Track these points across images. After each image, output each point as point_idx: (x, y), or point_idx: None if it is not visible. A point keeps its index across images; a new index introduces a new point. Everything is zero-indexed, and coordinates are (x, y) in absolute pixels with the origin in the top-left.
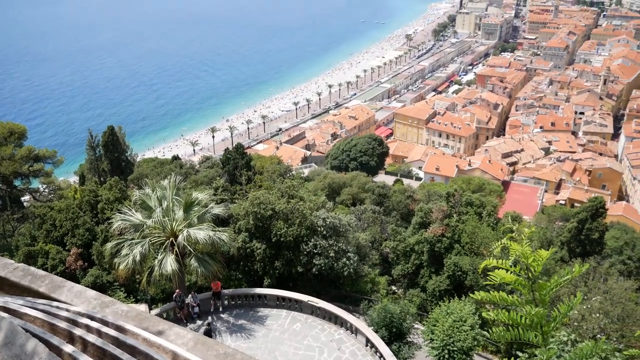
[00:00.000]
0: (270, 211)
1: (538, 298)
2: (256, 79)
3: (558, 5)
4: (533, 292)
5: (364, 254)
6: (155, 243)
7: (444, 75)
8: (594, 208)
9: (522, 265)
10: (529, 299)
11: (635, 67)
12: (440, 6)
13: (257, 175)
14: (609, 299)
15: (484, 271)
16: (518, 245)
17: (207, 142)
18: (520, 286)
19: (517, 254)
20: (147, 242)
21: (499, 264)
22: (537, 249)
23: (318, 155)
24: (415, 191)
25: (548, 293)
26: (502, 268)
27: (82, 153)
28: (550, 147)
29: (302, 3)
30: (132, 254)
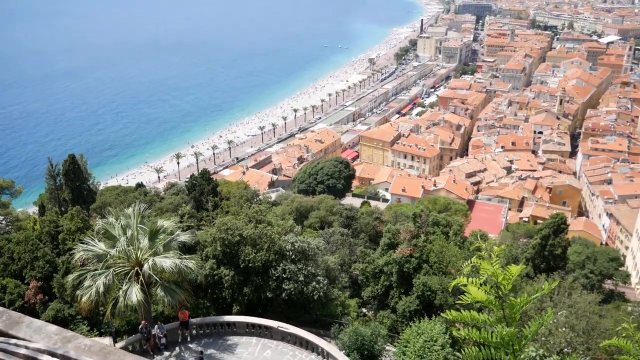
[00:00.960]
0: (238, 237)
1: (508, 316)
2: (221, 104)
3: (514, 29)
4: (503, 309)
5: (334, 277)
6: (120, 273)
7: (407, 98)
8: (556, 224)
9: (492, 283)
10: (499, 317)
11: (588, 87)
12: (401, 31)
13: (223, 201)
14: (574, 313)
15: (455, 290)
16: (488, 263)
17: (172, 169)
18: (491, 305)
19: (488, 273)
20: (111, 273)
21: (470, 282)
22: (505, 266)
23: (285, 179)
24: (382, 213)
25: (518, 311)
26: (472, 287)
27: (43, 183)
28: (512, 166)
29: (266, 29)
30: (96, 285)
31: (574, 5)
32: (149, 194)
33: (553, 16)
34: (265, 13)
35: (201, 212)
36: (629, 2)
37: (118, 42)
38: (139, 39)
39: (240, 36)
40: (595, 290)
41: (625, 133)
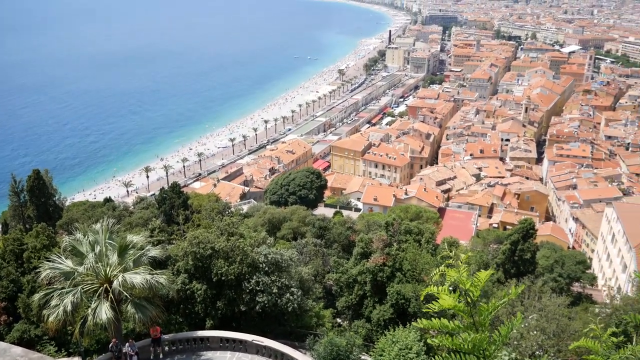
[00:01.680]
0: (210, 250)
1: (478, 322)
2: (191, 116)
3: (480, 39)
4: (473, 316)
5: (308, 288)
6: (88, 291)
7: (377, 108)
8: (525, 229)
9: (461, 290)
10: (469, 324)
11: (552, 95)
12: (370, 42)
13: (194, 214)
14: (544, 316)
15: (426, 299)
16: (455, 271)
17: (141, 183)
18: (460, 311)
19: (455, 280)
20: (79, 291)
21: (438, 290)
22: (475, 272)
23: (257, 190)
24: (355, 222)
25: (487, 316)
26: (443, 294)
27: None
28: (481, 173)
29: (236, 41)
30: (63, 304)
31: (536, 16)
32: (118, 208)
33: (517, 27)
34: (234, 26)
35: (172, 226)
36: (588, 14)
37: (90, 55)
38: (111, 51)
39: (211, 48)
40: (564, 293)
41: (588, 139)
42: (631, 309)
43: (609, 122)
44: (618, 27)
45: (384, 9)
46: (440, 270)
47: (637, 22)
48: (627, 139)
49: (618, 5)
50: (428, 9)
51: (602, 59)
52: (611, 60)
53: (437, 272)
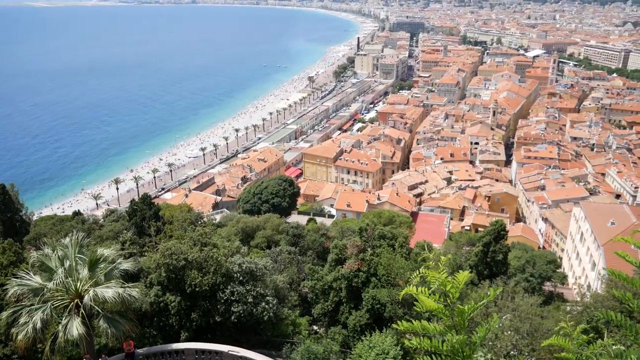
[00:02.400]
0: (183, 261)
1: (457, 323)
2: (161, 126)
3: (447, 45)
4: (452, 317)
5: (283, 296)
6: (59, 307)
7: (348, 114)
8: (496, 231)
9: (441, 292)
10: (449, 325)
11: (518, 99)
12: (339, 49)
13: (166, 225)
14: (517, 316)
15: (403, 302)
16: (436, 272)
17: (110, 195)
18: (441, 313)
19: (436, 282)
20: (49, 307)
21: (419, 292)
22: (451, 274)
23: (229, 200)
24: (328, 229)
25: (466, 318)
26: (423, 296)
27: None
28: (452, 177)
29: (206, 51)
30: (32, 321)
31: (500, 21)
32: (87, 222)
33: (482, 32)
34: (203, 37)
35: (143, 238)
36: (550, 18)
37: (58, 68)
38: (81, 63)
39: (180, 59)
40: (536, 292)
41: (554, 141)
42: (601, 305)
43: (574, 123)
44: (579, 31)
45: (352, 17)
46: (420, 272)
47: (597, 26)
48: (592, 140)
49: (579, 10)
50: (395, 16)
51: (565, 62)
52: (574, 63)
53: (417, 274)
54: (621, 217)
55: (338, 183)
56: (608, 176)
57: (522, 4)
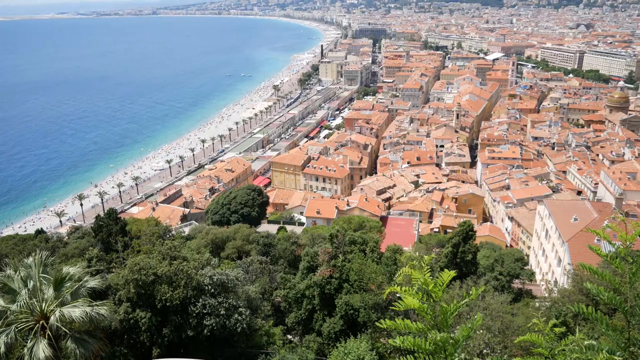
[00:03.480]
0: (152, 276)
1: (440, 322)
2: (125, 139)
3: (409, 50)
4: (435, 317)
5: (256, 307)
6: (23, 329)
7: (314, 122)
8: (465, 232)
9: (424, 291)
10: (432, 324)
11: (480, 101)
12: (302, 57)
13: (134, 240)
14: (489, 315)
15: (377, 305)
16: (419, 272)
17: (74, 211)
18: (423, 312)
19: (420, 282)
20: (13, 330)
21: (403, 291)
22: (435, 274)
23: (197, 212)
24: (299, 236)
25: (450, 316)
26: (407, 295)
27: None
28: (419, 180)
29: (167, 63)
30: None
31: (460, 26)
32: (51, 240)
33: (443, 37)
34: (166, 49)
35: (111, 254)
36: (508, 22)
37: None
38: (42, 77)
39: (143, 72)
40: (505, 290)
41: (517, 141)
42: (568, 300)
43: (534, 123)
44: (536, 34)
45: (315, 24)
46: (403, 271)
47: (552, 29)
48: (552, 139)
49: (534, 13)
50: (357, 23)
51: (523, 64)
52: (532, 65)
53: (401, 273)
54: (583, 213)
55: (307, 190)
56: (569, 174)
57: (480, 9)
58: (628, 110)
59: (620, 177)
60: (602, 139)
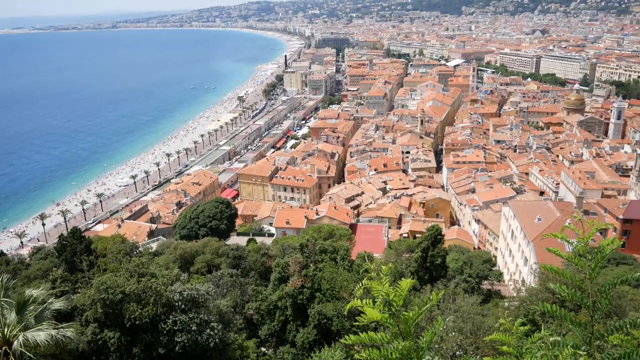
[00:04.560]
0: (120, 294)
1: (404, 330)
2: (87, 156)
3: (372, 59)
4: (398, 325)
5: (228, 321)
6: None
7: (280, 132)
8: (433, 236)
9: (384, 301)
10: (395, 333)
11: (443, 107)
12: (266, 67)
13: (100, 258)
14: (460, 317)
15: (351, 313)
16: (378, 283)
17: (36, 232)
18: (387, 322)
19: (380, 293)
20: None
21: (364, 304)
22: (394, 283)
23: (165, 227)
24: (269, 248)
25: (412, 324)
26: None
27: None
28: (387, 187)
29: (126, 77)
30: None
31: (421, 34)
32: (12, 262)
33: (404, 45)
34: (127, 62)
35: (76, 274)
36: (467, 29)
37: None
38: None
39: (104, 86)
40: (475, 292)
41: (480, 145)
42: (536, 298)
43: (496, 127)
44: (494, 40)
45: (278, 35)
46: (363, 284)
47: (510, 35)
48: (514, 142)
49: (492, 20)
50: (320, 33)
51: (483, 70)
52: (492, 70)
53: (360, 286)
54: (547, 213)
55: (275, 201)
56: (531, 175)
57: (440, 17)
58: (584, 112)
59: (579, 177)
60: (561, 141)
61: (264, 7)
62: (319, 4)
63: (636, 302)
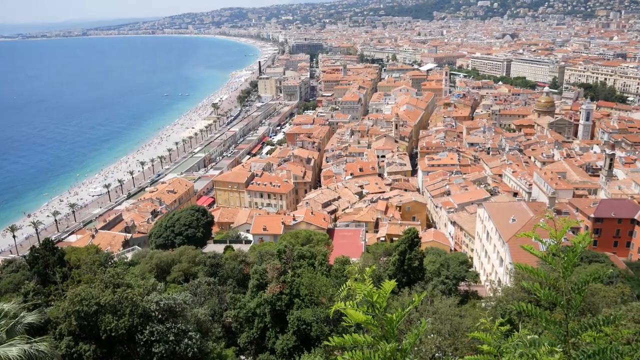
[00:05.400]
0: (95, 306)
1: (387, 332)
2: (59, 165)
3: (346, 64)
4: (382, 327)
5: (206, 330)
6: None
7: (256, 138)
8: (410, 239)
9: (368, 303)
10: (379, 335)
11: (417, 111)
12: (241, 74)
13: (73, 270)
14: (438, 319)
15: (329, 318)
16: (362, 285)
17: (6, 244)
18: (370, 324)
19: (364, 294)
20: None
21: (347, 306)
22: (377, 285)
23: (140, 236)
24: (247, 255)
25: (395, 325)
26: (351, 310)
27: None
28: (363, 191)
29: (99, 84)
30: None
31: (394, 39)
32: None
33: (378, 50)
34: (99, 70)
35: (49, 287)
36: (438, 34)
37: None
38: None
39: (76, 94)
40: (452, 293)
41: (454, 148)
42: (512, 298)
43: (469, 130)
44: (465, 44)
45: (252, 41)
46: (347, 285)
47: (480, 39)
48: (487, 144)
49: (463, 25)
50: (294, 39)
51: (455, 74)
52: (464, 74)
53: (344, 288)
54: (520, 214)
55: (252, 208)
56: (505, 176)
57: (412, 22)
58: (554, 113)
59: (551, 177)
60: (532, 142)
61: (236, 13)
62: (292, 10)
63: (609, 298)
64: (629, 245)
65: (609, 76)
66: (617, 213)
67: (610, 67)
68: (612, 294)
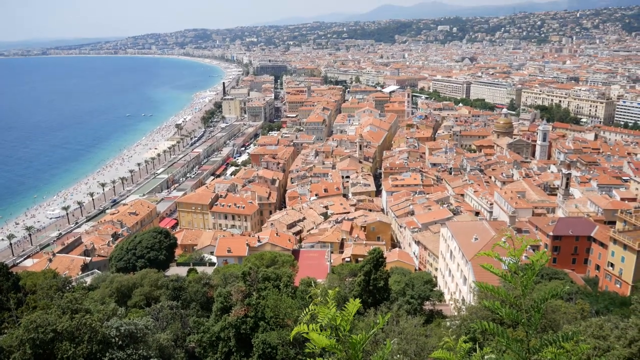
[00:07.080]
0: (52, 333)
1: (352, 355)
2: (14, 187)
3: (310, 85)
4: (346, 351)
5: (168, 355)
6: None
7: (220, 159)
8: (375, 259)
9: (331, 326)
10: (344, 358)
11: (381, 132)
12: (205, 94)
13: (29, 295)
14: (404, 339)
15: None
16: (325, 308)
17: None
18: (334, 348)
19: (327, 318)
20: None
21: (310, 329)
22: (340, 307)
23: (100, 259)
24: (211, 277)
25: (360, 348)
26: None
27: None
28: (328, 212)
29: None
30: None
31: (357, 61)
32: None
33: (341, 72)
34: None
35: (2, 314)
36: (400, 57)
37: None
38: None
39: (33, 115)
40: (418, 313)
41: (417, 168)
42: (476, 316)
43: (432, 151)
44: (427, 67)
45: (216, 62)
46: (309, 310)
47: (441, 62)
48: (449, 165)
49: (424, 49)
50: (258, 60)
51: (417, 95)
52: (425, 96)
53: (307, 312)
54: (482, 232)
55: (216, 229)
56: (467, 196)
57: (374, 45)
58: (512, 134)
59: (511, 197)
60: (492, 162)
61: (200, 34)
62: (256, 32)
63: (569, 315)
64: (586, 262)
65: (563, 98)
66: (574, 231)
67: (564, 89)
68: (572, 311)
